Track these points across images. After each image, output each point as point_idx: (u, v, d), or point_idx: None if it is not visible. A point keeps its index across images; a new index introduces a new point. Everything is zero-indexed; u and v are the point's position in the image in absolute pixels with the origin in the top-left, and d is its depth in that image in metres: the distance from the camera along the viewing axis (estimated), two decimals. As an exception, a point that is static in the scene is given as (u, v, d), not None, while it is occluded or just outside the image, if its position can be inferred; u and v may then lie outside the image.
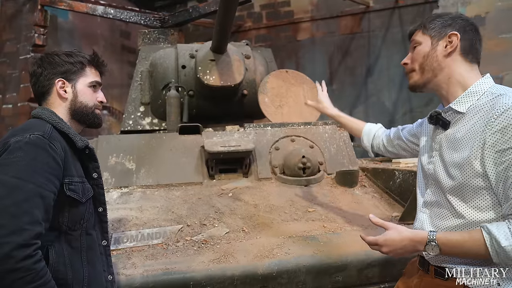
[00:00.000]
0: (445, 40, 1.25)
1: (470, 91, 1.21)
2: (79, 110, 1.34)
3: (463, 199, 1.18)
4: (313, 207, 2.22)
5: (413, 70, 1.31)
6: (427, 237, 1.16)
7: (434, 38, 1.27)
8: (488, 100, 1.16)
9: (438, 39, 1.26)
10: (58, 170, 1.16)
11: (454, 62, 1.24)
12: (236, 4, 2.54)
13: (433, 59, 1.26)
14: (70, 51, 1.37)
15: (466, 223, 1.17)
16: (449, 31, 1.25)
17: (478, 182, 1.14)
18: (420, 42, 1.30)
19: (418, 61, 1.29)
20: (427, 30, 1.29)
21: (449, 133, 1.25)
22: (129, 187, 2.36)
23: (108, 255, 1.36)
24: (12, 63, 4.95)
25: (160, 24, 4.35)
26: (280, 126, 2.79)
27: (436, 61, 1.25)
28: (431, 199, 1.29)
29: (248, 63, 3.29)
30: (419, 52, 1.29)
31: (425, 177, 1.36)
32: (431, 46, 1.27)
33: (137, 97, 3.38)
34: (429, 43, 1.27)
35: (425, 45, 1.28)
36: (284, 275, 1.72)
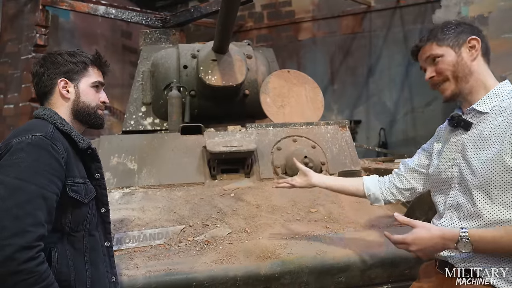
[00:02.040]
0: (465, 46, 1.28)
1: (492, 93, 1.25)
2: (81, 110, 1.33)
3: (491, 197, 1.17)
4: (316, 208, 2.21)
5: (446, 80, 1.30)
6: (458, 234, 1.14)
7: (454, 47, 1.29)
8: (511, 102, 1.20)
9: (459, 47, 1.28)
10: (60, 171, 1.15)
11: (479, 65, 1.28)
12: (238, 4, 2.53)
13: (463, 66, 1.27)
14: (72, 51, 1.36)
15: (494, 221, 1.16)
16: (465, 37, 1.28)
17: (508, 177, 1.14)
18: (441, 54, 1.29)
19: (449, 70, 1.29)
20: (442, 41, 1.30)
21: (473, 133, 1.26)
22: (131, 187, 2.36)
23: (111, 256, 1.36)
24: (13, 63, 4.96)
25: (162, 24, 4.35)
26: (282, 126, 2.78)
27: (467, 67, 1.27)
28: (456, 201, 1.28)
29: (249, 63, 3.29)
30: (447, 62, 1.28)
31: (444, 182, 1.35)
32: (456, 54, 1.28)
33: (139, 97, 3.38)
34: (452, 52, 1.28)
35: (449, 55, 1.29)
36: (287, 276, 1.72)
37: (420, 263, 1.50)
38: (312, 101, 3.22)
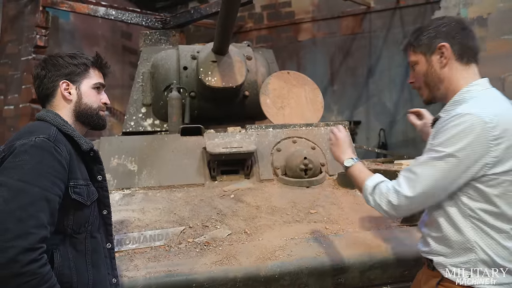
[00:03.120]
0: (437, 53, 1.29)
1: (453, 100, 1.28)
2: (83, 111, 1.34)
3: None
4: (315, 209, 2.22)
5: (420, 87, 1.37)
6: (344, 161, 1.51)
7: (426, 54, 1.31)
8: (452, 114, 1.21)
9: (430, 54, 1.30)
10: (63, 173, 1.16)
11: (451, 70, 1.28)
12: (238, 6, 2.54)
13: (433, 75, 1.31)
14: (73, 53, 1.37)
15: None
16: (437, 42, 1.28)
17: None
18: (416, 62, 1.34)
19: (421, 79, 1.35)
20: (417, 48, 1.33)
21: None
22: (131, 188, 2.36)
23: (113, 258, 1.37)
24: (14, 64, 4.97)
25: (162, 25, 4.36)
26: (281, 128, 2.79)
27: (436, 76, 1.30)
28: None
29: (249, 64, 3.29)
30: (419, 72, 1.34)
31: None
32: (427, 63, 1.31)
33: (139, 98, 3.39)
34: (424, 60, 1.32)
35: (422, 64, 1.33)
36: (287, 277, 1.72)
37: (417, 265, 1.53)
38: (311, 102, 3.23)
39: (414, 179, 1.22)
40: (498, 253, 1.19)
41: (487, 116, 1.14)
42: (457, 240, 1.22)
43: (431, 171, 1.19)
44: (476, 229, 1.20)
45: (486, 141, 1.13)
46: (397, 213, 1.29)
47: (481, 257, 1.19)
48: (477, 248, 1.20)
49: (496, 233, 1.19)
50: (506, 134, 1.15)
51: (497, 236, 1.19)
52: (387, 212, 1.29)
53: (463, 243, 1.21)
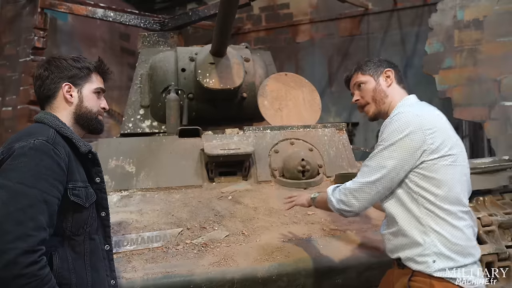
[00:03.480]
0: (383, 76, 1.57)
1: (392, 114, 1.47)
2: (83, 115, 1.35)
3: None
4: (313, 210, 2.23)
5: (367, 103, 1.59)
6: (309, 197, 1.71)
7: (374, 76, 1.58)
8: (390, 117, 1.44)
9: (377, 76, 1.57)
10: (62, 176, 1.16)
11: (393, 90, 1.56)
12: (236, 7, 2.55)
13: (380, 91, 1.56)
14: (77, 57, 1.38)
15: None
16: (383, 69, 1.57)
17: None
18: (365, 81, 1.58)
19: (370, 95, 1.57)
20: (365, 71, 1.59)
21: None
22: (129, 190, 2.37)
23: (111, 260, 1.37)
24: (12, 66, 4.96)
25: (160, 27, 4.37)
26: (279, 129, 2.80)
27: (383, 91, 1.56)
28: None
29: (247, 66, 3.30)
30: (368, 88, 1.57)
31: None
32: (375, 82, 1.57)
33: (137, 100, 3.39)
34: (372, 80, 1.57)
35: (370, 82, 1.58)
36: (284, 278, 1.73)
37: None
38: (309, 104, 3.24)
39: (367, 170, 1.40)
40: (451, 233, 1.31)
41: (418, 112, 1.38)
42: (413, 227, 1.34)
43: (380, 160, 1.37)
44: (426, 213, 1.32)
45: (421, 130, 1.32)
46: (356, 200, 1.41)
47: (437, 239, 1.30)
48: (431, 231, 1.31)
49: (446, 214, 1.31)
50: (436, 124, 1.36)
51: (446, 217, 1.31)
52: (347, 203, 1.43)
53: (418, 228, 1.33)
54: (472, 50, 4.44)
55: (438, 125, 1.37)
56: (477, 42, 4.40)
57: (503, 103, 4.12)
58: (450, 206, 1.32)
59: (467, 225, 1.34)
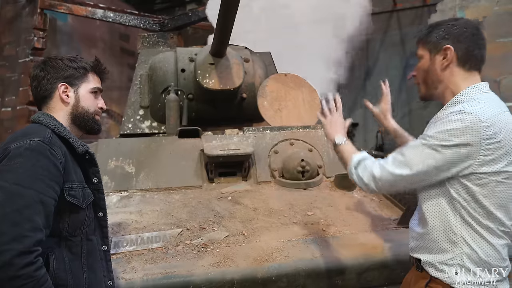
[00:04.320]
0: (441, 53, 1.30)
1: (451, 102, 1.29)
2: (80, 115, 1.34)
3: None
4: (312, 211, 2.22)
5: (419, 83, 1.40)
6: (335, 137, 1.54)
7: (432, 52, 1.32)
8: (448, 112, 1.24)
9: (435, 53, 1.31)
10: (58, 176, 1.16)
11: (451, 74, 1.30)
12: (236, 8, 2.55)
13: (433, 74, 1.33)
14: (73, 57, 1.37)
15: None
16: (444, 44, 1.29)
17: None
18: (422, 56, 1.36)
19: (421, 75, 1.37)
20: (425, 44, 1.34)
21: None
22: (128, 190, 2.36)
23: (108, 260, 1.36)
24: (11, 66, 4.96)
25: (160, 27, 4.37)
26: (279, 130, 2.80)
27: (435, 75, 1.32)
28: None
29: (247, 67, 3.30)
30: (421, 67, 1.36)
31: None
32: (430, 61, 1.33)
33: (137, 100, 3.39)
34: (428, 58, 1.34)
35: (425, 60, 1.35)
36: (284, 279, 1.73)
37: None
38: (309, 105, 3.24)
39: (401, 160, 1.26)
40: (484, 249, 1.20)
41: (483, 115, 1.15)
42: (444, 234, 1.24)
43: (419, 156, 1.22)
44: (463, 223, 1.22)
45: (479, 140, 1.14)
46: (376, 187, 1.31)
47: (466, 252, 1.21)
48: (462, 242, 1.21)
49: (483, 230, 1.20)
50: (500, 135, 1.16)
51: (483, 232, 1.20)
52: (367, 185, 1.33)
53: (449, 236, 1.23)
54: (472, 50, 4.43)
55: (502, 135, 1.16)
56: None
57: (503, 104, 4.12)
58: (490, 223, 1.20)
59: (504, 244, 1.23)
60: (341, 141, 1.52)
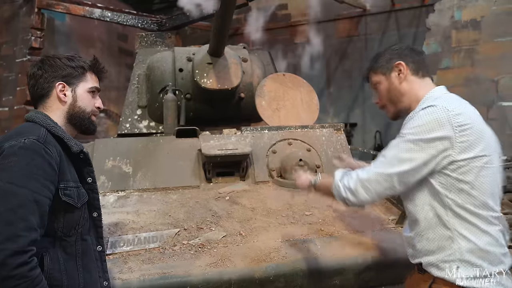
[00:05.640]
0: (395, 70, 1.43)
1: (418, 107, 1.35)
2: (76, 114, 1.33)
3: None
4: (310, 211, 2.22)
5: (385, 105, 1.49)
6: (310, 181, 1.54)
7: (385, 74, 1.45)
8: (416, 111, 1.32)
9: (389, 73, 1.44)
10: (53, 175, 1.15)
11: (409, 84, 1.42)
12: (234, 8, 2.54)
13: (394, 90, 1.43)
14: (71, 56, 1.36)
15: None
16: (393, 62, 1.43)
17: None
18: (378, 81, 1.47)
19: (385, 97, 1.47)
20: (376, 70, 1.48)
21: None
22: (125, 190, 2.35)
23: (104, 261, 1.35)
24: (8, 66, 4.94)
25: (158, 27, 4.35)
26: (277, 130, 2.79)
27: (397, 90, 1.43)
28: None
29: (245, 66, 3.30)
30: (382, 90, 1.47)
31: None
32: (387, 81, 1.45)
33: (134, 100, 3.38)
34: (384, 79, 1.46)
35: (383, 83, 1.46)
36: (281, 279, 1.72)
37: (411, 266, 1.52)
38: (307, 104, 3.24)
39: (384, 161, 1.30)
40: (481, 238, 1.21)
41: (450, 105, 1.24)
42: (438, 231, 1.25)
43: (400, 152, 1.26)
44: (454, 217, 1.23)
45: (452, 127, 1.20)
46: (366, 192, 1.30)
47: (464, 245, 1.21)
48: (458, 236, 1.22)
49: (476, 219, 1.22)
50: (469, 121, 1.23)
51: (477, 222, 1.22)
52: (354, 192, 1.31)
53: (443, 233, 1.24)
54: (470, 50, 4.45)
55: (471, 121, 1.23)
56: (475, 42, 4.41)
57: (500, 103, 4.13)
58: (480, 210, 1.21)
59: (498, 230, 1.24)
60: (317, 178, 1.54)
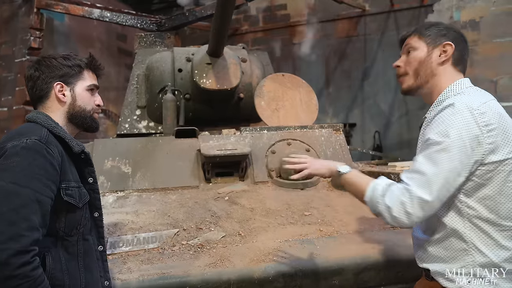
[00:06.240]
0: (439, 48, 1.29)
1: (438, 100, 1.28)
2: (77, 114, 1.33)
3: None
4: (309, 211, 2.22)
5: (406, 73, 1.35)
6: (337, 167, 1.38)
7: (429, 45, 1.31)
8: (441, 108, 1.21)
9: (433, 47, 1.30)
10: (55, 175, 1.15)
11: (444, 71, 1.29)
12: (233, 8, 2.55)
13: (427, 66, 1.30)
14: (67, 55, 1.36)
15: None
16: (444, 40, 1.29)
17: None
18: (416, 47, 1.33)
19: (413, 65, 1.33)
20: (423, 36, 1.32)
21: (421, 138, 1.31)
22: (125, 191, 2.35)
23: (105, 260, 1.36)
24: (7, 66, 4.93)
25: (157, 27, 4.35)
26: (276, 130, 2.79)
27: (430, 68, 1.30)
28: None
29: (244, 67, 3.30)
30: (415, 57, 1.32)
31: None
32: (427, 53, 1.30)
33: (133, 100, 3.38)
34: (425, 50, 1.31)
35: (421, 51, 1.32)
36: (280, 279, 1.72)
37: (410, 266, 1.52)
38: (306, 105, 3.24)
39: (425, 180, 1.13)
40: (498, 254, 1.14)
41: (473, 104, 1.15)
42: (454, 242, 1.18)
43: (437, 165, 1.12)
44: (473, 229, 1.16)
45: (479, 127, 1.12)
46: (409, 220, 1.15)
47: (478, 260, 1.15)
48: (474, 250, 1.15)
49: (496, 232, 1.14)
50: (494, 120, 1.15)
51: (498, 236, 1.14)
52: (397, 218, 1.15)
53: (460, 245, 1.17)
54: (469, 51, 4.45)
55: (495, 121, 1.14)
56: (474, 43, 4.41)
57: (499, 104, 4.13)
58: (505, 221, 1.13)
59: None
60: (346, 168, 1.36)
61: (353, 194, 1.35)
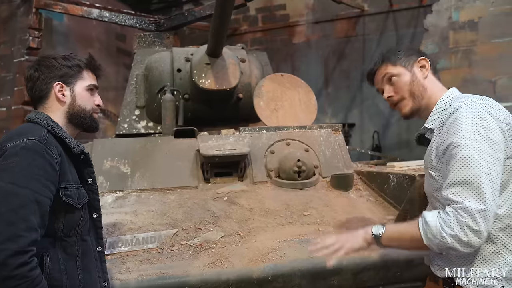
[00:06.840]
0: (416, 66, 1.36)
1: (436, 108, 1.31)
2: (77, 114, 1.34)
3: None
4: (308, 211, 2.22)
5: (403, 98, 1.36)
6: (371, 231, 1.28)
7: (407, 67, 1.36)
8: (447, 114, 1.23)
9: (411, 67, 1.36)
10: (54, 176, 1.15)
11: (430, 82, 1.36)
12: (232, 8, 2.55)
13: (418, 84, 1.34)
14: (66, 55, 1.36)
15: None
16: (415, 58, 1.37)
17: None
18: (397, 73, 1.36)
19: (405, 89, 1.35)
20: (396, 62, 1.37)
21: (428, 149, 1.32)
22: (124, 191, 2.35)
23: (103, 261, 1.36)
24: (6, 66, 4.93)
25: (156, 27, 4.34)
26: (275, 130, 2.79)
27: (421, 85, 1.34)
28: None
29: (243, 67, 3.30)
30: (403, 81, 1.35)
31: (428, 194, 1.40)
32: (410, 74, 1.35)
33: (132, 100, 3.38)
34: (407, 72, 1.36)
35: (405, 75, 1.36)
36: (279, 279, 1.72)
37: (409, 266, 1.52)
38: (305, 105, 3.24)
39: (472, 189, 1.07)
40: None
41: (482, 101, 1.17)
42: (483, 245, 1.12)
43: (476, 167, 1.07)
44: (504, 229, 1.11)
45: (497, 122, 1.12)
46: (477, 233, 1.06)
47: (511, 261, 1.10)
48: (505, 251, 1.11)
49: None
50: (508, 115, 1.18)
51: None
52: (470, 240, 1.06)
53: (489, 247, 1.13)
54: (467, 51, 4.47)
55: (509, 115, 1.16)
56: (472, 43, 4.42)
57: (498, 104, 4.14)
58: None
59: None
60: (380, 229, 1.26)
61: (407, 248, 1.26)
